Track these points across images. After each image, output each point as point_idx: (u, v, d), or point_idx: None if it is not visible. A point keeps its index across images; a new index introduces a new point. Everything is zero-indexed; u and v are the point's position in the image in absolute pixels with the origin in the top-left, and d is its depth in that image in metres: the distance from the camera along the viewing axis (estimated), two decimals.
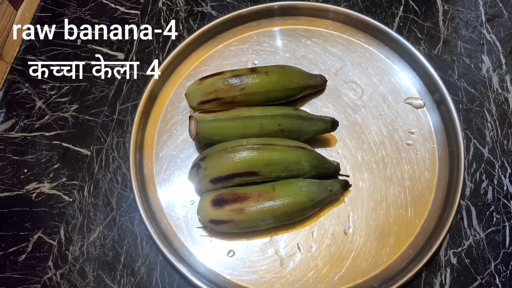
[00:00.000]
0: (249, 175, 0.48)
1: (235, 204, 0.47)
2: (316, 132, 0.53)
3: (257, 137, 0.50)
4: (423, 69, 0.57)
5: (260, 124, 0.50)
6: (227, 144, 0.49)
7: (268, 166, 0.48)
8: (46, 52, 0.63)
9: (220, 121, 0.50)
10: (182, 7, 0.66)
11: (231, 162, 0.48)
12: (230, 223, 0.47)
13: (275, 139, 0.50)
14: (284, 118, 0.51)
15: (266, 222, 0.48)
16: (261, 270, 0.48)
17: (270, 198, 0.47)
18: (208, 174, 0.48)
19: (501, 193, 0.52)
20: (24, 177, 0.55)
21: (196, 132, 0.50)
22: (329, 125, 0.52)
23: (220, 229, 0.49)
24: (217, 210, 0.47)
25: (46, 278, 0.50)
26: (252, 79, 0.52)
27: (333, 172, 0.52)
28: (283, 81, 0.53)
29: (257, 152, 0.48)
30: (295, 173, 0.49)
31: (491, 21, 0.63)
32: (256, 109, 0.51)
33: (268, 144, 0.48)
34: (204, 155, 0.50)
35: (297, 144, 0.50)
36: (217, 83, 0.52)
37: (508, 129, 0.55)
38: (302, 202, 0.47)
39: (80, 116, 0.59)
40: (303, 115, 0.52)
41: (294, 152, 0.49)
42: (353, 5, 0.64)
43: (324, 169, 0.51)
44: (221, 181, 0.48)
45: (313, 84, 0.56)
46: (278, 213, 0.47)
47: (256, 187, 0.48)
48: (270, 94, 0.53)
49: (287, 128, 0.51)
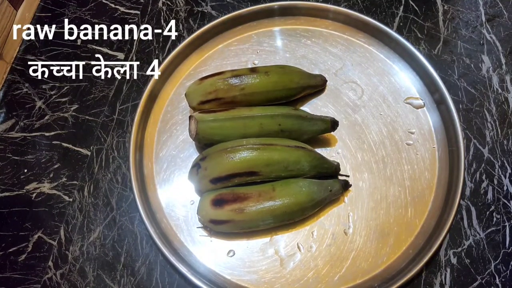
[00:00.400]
0: (249, 175, 0.48)
1: (235, 204, 0.47)
2: (316, 132, 0.53)
3: (257, 137, 0.50)
4: (423, 69, 0.57)
5: (260, 124, 0.50)
6: (227, 144, 0.49)
7: (268, 166, 0.48)
8: (46, 52, 0.63)
9: (220, 121, 0.50)
10: (182, 7, 0.66)
11: (231, 162, 0.48)
12: (230, 223, 0.47)
13: (275, 139, 0.50)
14: (284, 118, 0.51)
15: (266, 222, 0.48)
16: (261, 270, 0.48)
17: (270, 198, 0.47)
18: (208, 174, 0.48)
19: (501, 193, 0.52)
20: (24, 177, 0.55)
21: (196, 132, 0.50)
22: (329, 125, 0.52)
23: (220, 229, 0.49)
24: (217, 210, 0.47)
25: (46, 278, 0.50)
26: (252, 79, 0.52)
27: (333, 172, 0.52)
28: (283, 81, 0.53)
29: (257, 152, 0.48)
30: (295, 173, 0.49)
31: (491, 21, 0.63)
32: (256, 109, 0.51)
33: (268, 144, 0.48)
34: (204, 155, 0.50)
35: (297, 144, 0.50)
36: (217, 83, 0.52)
37: (508, 129, 0.55)
38: (302, 202, 0.47)
39: (80, 116, 0.59)
40: (303, 115, 0.52)
41: (294, 152, 0.49)
42: (353, 5, 0.64)
43: (324, 169, 0.51)
44: (221, 181, 0.48)
45: (313, 84, 0.56)
46: (278, 213, 0.47)
47: (256, 187, 0.48)
48: (270, 94, 0.53)
49: (287, 128, 0.51)
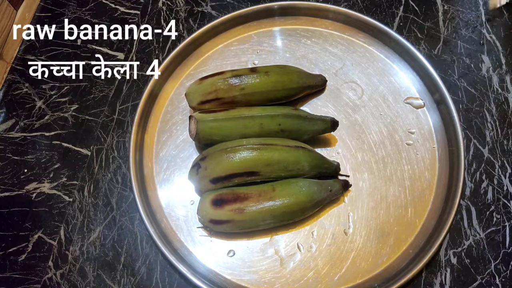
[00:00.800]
0: (249, 175, 0.48)
1: (235, 204, 0.47)
2: (316, 132, 0.53)
3: (257, 137, 0.50)
4: (423, 69, 0.57)
5: (260, 124, 0.50)
6: (227, 144, 0.49)
7: (268, 166, 0.48)
8: (46, 52, 0.63)
9: (220, 121, 0.50)
10: (182, 7, 0.66)
11: (231, 162, 0.48)
12: (230, 223, 0.47)
13: (275, 139, 0.50)
14: (284, 118, 0.51)
15: (266, 222, 0.48)
16: (261, 270, 0.48)
17: (270, 198, 0.47)
18: (208, 174, 0.48)
19: (501, 193, 0.52)
20: (24, 177, 0.55)
21: (196, 132, 0.50)
22: (329, 125, 0.52)
23: (220, 229, 0.49)
24: (217, 210, 0.47)
25: (46, 278, 0.50)
26: (252, 79, 0.52)
27: (333, 172, 0.52)
28: (283, 81, 0.53)
29: (257, 152, 0.48)
30: (295, 173, 0.49)
31: (491, 21, 0.62)
32: (256, 109, 0.51)
33: (268, 144, 0.48)
34: (204, 155, 0.50)
35: (297, 144, 0.50)
36: (217, 83, 0.52)
37: (508, 129, 0.55)
38: (302, 202, 0.47)
39: (80, 116, 0.59)
40: (303, 115, 0.52)
41: (294, 152, 0.49)
42: (353, 5, 0.64)
43: (324, 169, 0.51)
44: (221, 181, 0.48)
45: (313, 84, 0.56)
46: (278, 213, 0.47)
47: (256, 187, 0.48)
48: (270, 94, 0.53)
49: (287, 128, 0.51)
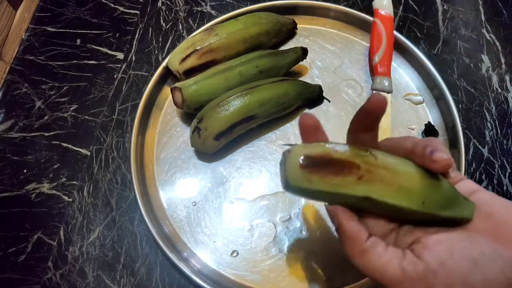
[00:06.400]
0: (247, 120, 0.50)
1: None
2: (290, 63, 0.56)
3: (240, 85, 0.52)
4: (422, 66, 0.57)
5: (239, 72, 0.52)
6: (216, 101, 0.51)
7: (261, 106, 0.50)
8: (45, 52, 0.63)
9: (201, 81, 0.52)
10: (182, 6, 0.66)
11: (227, 114, 0.49)
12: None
13: (258, 81, 0.52)
14: (259, 59, 0.53)
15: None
16: (265, 270, 0.48)
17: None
18: (210, 133, 0.50)
19: (501, 193, 0.52)
20: (24, 178, 0.55)
21: (183, 99, 0.51)
22: (300, 52, 0.56)
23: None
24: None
25: (46, 278, 0.49)
26: (223, 25, 0.56)
27: (318, 95, 0.55)
28: (253, 20, 0.57)
29: (248, 96, 0.50)
30: (287, 105, 0.52)
31: (491, 20, 0.62)
32: (231, 60, 0.54)
33: (255, 87, 0.51)
34: (200, 117, 0.51)
35: (280, 78, 0.53)
36: (193, 38, 0.55)
37: (508, 128, 0.55)
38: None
39: (80, 116, 0.59)
40: (274, 52, 0.55)
41: (280, 86, 0.52)
42: (352, 4, 0.64)
43: (309, 93, 0.54)
44: (224, 135, 0.50)
45: (282, 21, 0.59)
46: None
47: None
48: (245, 33, 0.55)
49: (265, 68, 0.53)
